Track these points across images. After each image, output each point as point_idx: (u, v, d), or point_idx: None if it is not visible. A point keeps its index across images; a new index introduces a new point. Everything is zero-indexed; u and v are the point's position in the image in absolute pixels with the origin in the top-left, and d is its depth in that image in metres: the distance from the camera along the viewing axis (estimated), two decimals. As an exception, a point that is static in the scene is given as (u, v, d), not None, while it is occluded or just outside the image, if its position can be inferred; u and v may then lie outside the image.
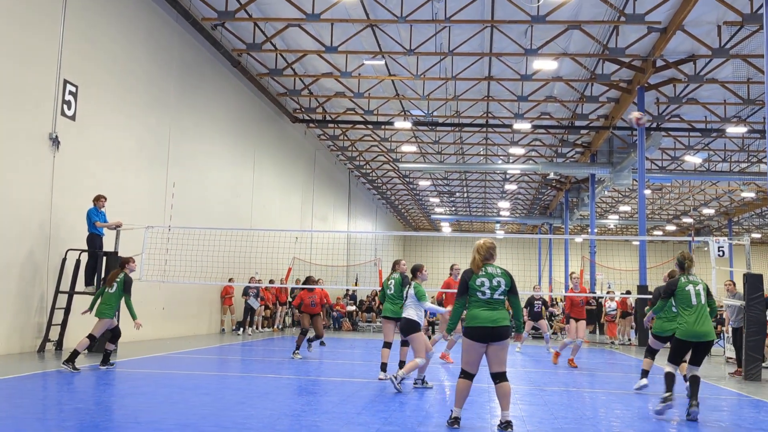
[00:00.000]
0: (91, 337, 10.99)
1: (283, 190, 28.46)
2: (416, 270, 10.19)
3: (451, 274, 14.27)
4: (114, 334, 11.34)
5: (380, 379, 10.75)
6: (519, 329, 7.26)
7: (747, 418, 8.38)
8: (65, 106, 13.90)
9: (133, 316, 11.14)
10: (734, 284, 14.52)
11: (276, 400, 8.50)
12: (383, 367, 10.90)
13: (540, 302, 19.10)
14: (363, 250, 41.61)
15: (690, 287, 8.39)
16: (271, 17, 20.08)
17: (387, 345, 11.06)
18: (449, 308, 9.70)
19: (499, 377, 6.93)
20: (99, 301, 11.25)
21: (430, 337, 18.76)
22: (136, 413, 7.32)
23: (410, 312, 9.88)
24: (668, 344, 9.09)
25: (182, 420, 7.01)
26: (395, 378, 9.40)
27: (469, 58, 22.49)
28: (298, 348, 14.06)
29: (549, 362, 15.41)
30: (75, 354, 10.67)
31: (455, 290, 9.38)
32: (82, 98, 14.42)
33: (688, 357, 8.55)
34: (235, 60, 21.66)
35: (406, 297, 10.06)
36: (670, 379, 8.48)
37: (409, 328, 9.88)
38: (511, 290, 7.05)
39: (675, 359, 8.59)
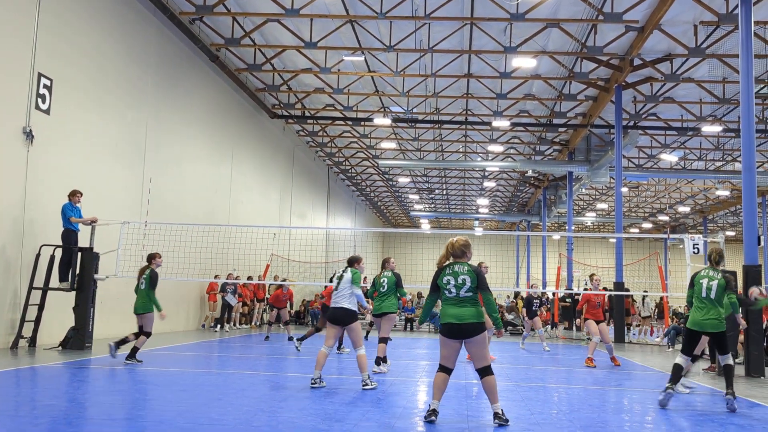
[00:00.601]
0: (147, 334, 11.71)
1: (262, 187, 28.35)
2: (355, 261, 9.89)
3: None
4: (146, 332, 11.76)
5: (374, 371, 11.10)
6: (498, 325, 7.39)
7: (719, 413, 8.47)
8: (39, 100, 13.74)
9: (158, 308, 11.69)
10: None
11: (252, 397, 8.46)
12: (377, 361, 11.43)
13: (538, 302, 19.27)
14: (342, 247, 41.60)
15: (704, 281, 8.79)
16: (249, 12, 20.00)
17: (382, 340, 11.72)
18: (370, 306, 9.74)
19: (481, 372, 7.13)
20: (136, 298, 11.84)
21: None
22: (111, 410, 7.26)
23: (346, 301, 9.35)
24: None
25: (157, 416, 6.95)
26: (365, 382, 9.29)
27: (448, 56, 22.52)
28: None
29: (524, 358, 15.49)
30: (135, 350, 11.54)
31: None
32: (57, 92, 14.26)
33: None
34: (214, 55, 21.52)
35: (340, 284, 9.45)
36: (676, 370, 8.80)
37: (346, 317, 9.33)
38: (480, 286, 7.16)
39: (685, 350, 9.00)
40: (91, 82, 15.70)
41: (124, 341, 11.60)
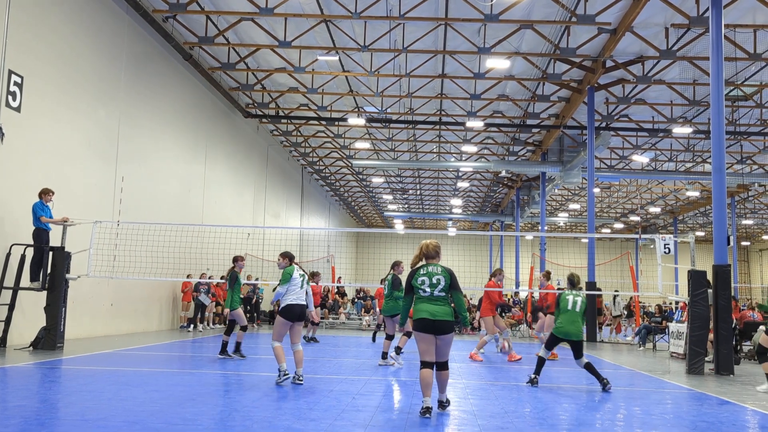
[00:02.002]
0: (243, 328, 13.27)
1: (236, 186, 28.21)
2: (290, 257, 10.27)
3: (492, 278, 15.84)
4: (241, 327, 13.28)
5: (379, 364, 12.69)
6: (465, 322, 7.99)
7: (690, 411, 8.60)
8: (10, 97, 13.56)
9: (232, 306, 13.13)
10: None
11: (227, 397, 8.42)
12: (397, 350, 12.85)
13: (501, 310, 19.33)
14: (316, 247, 41.51)
15: (570, 297, 10.64)
16: (223, 11, 19.89)
17: (405, 336, 13.09)
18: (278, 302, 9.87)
19: (440, 366, 7.66)
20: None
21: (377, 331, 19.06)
22: (83, 411, 7.19)
23: (305, 300, 9.75)
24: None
25: (130, 417, 6.90)
26: (299, 377, 9.67)
27: (422, 56, 22.59)
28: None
29: (498, 357, 15.57)
30: (238, 345, 13.20)
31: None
32: (28, 89, 14.08)
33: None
34: (187, 53, 21.38)
35: (303, 283, 9.89)
36: (540, 363, 10.72)
37: (304, 315, 9.71)
38: (452, 286, 7.64)
39: (548, 346, 10.91)
40: (63, 79, 15.52)
41: (238, 346, 13.24)
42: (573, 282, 10.93)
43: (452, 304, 7.69)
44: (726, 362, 13.23)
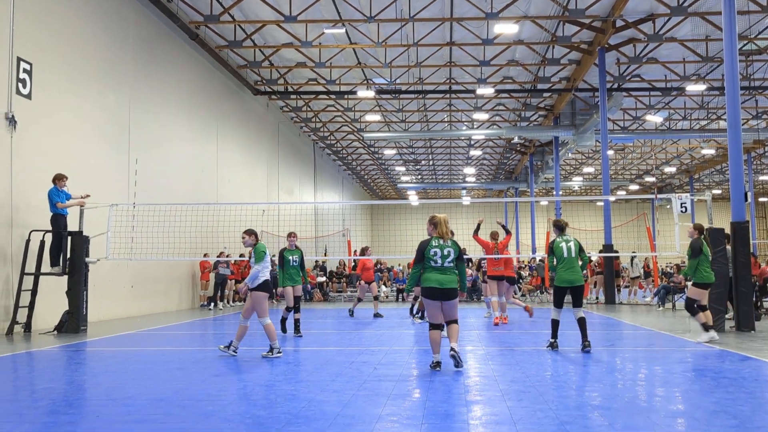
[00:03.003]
0: (287, 308, 13.27)
1: (248, 164, 28.25)
2: (256, 234, 10.48)
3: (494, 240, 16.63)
4: (286, 307, 13.27)
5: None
6: (463, 289, 8.86)
7: (712, 368, 8.60)
8: (20, 85, 13.60)
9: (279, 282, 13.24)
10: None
11: (250, 371, 8.51)
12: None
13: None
14: (331, 221, 41.60)
15: (563, 244, 10.54)
16: (228, -13, 19.78)
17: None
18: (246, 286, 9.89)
19: (450, 322, 8.53)
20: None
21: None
22: (109, 390, 7.29)
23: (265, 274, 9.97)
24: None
25: (155, 395, 6.99)
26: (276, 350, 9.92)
27: (430, 24, 22.39)
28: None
29: (517, 323, 15.62)
30: (298, 323, 13.16)
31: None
32: (38, 76, 14.11)
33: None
34: (193, 33, 21.31)
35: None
36: (555, 325, 10.55)
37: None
38: (459, 258, 8.49)
39: (557, 304, 10.60)
40: (72, 64, 15.54)
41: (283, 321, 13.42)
42: (561, 227, 10.83)
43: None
44: (746, 319, 13.20)
